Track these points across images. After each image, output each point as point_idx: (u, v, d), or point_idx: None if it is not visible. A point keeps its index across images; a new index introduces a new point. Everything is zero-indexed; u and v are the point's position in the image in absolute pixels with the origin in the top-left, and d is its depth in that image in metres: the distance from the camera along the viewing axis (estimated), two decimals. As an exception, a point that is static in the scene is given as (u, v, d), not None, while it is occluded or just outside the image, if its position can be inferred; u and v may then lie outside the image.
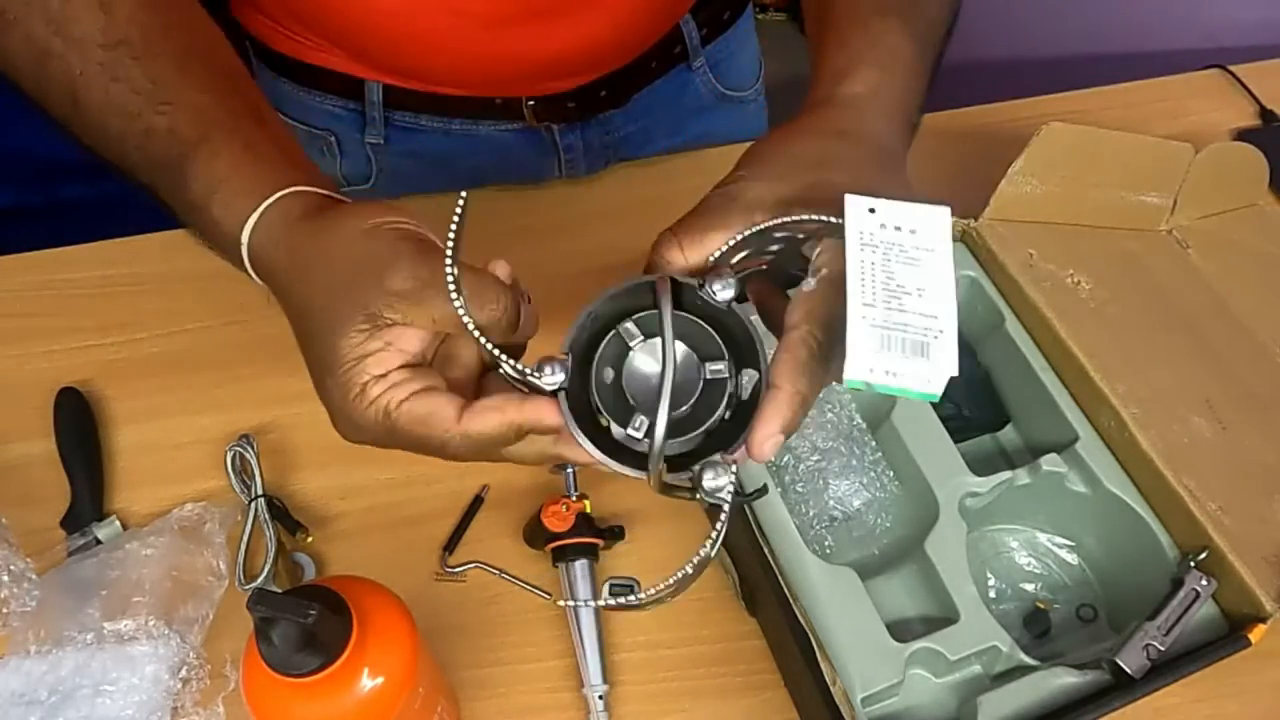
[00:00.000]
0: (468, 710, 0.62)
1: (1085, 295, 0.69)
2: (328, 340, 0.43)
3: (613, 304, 0.43)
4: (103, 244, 0.81)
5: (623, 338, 0.43)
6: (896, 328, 0.38)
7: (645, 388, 0.42)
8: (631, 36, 0.80)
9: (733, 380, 0.42)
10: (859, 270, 0.38)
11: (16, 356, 0.75)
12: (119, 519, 0.67)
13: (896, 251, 0.39)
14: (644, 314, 0.43)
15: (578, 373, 0.42)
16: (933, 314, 0.38)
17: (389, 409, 0.43)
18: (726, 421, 0.42)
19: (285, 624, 0.42)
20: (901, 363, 0.38)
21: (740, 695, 0.63)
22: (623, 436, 0.41)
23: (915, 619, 0.61)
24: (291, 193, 0.47)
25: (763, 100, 1.00)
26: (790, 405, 0.40)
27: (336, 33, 0.76)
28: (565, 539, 0.64)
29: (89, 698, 0.59)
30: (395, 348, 0.43)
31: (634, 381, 0.42)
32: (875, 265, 0.39)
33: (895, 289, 0.38)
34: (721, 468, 0.40)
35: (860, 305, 0.38)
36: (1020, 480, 0.64)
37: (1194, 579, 0.59)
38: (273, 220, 0.46)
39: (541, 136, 0.84)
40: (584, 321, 0.43)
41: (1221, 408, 0.66)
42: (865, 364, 0.37)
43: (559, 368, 0.41)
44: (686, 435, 0.41)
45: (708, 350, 0.42)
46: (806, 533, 0.65)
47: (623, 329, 0.43)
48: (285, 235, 0.46)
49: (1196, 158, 0.75)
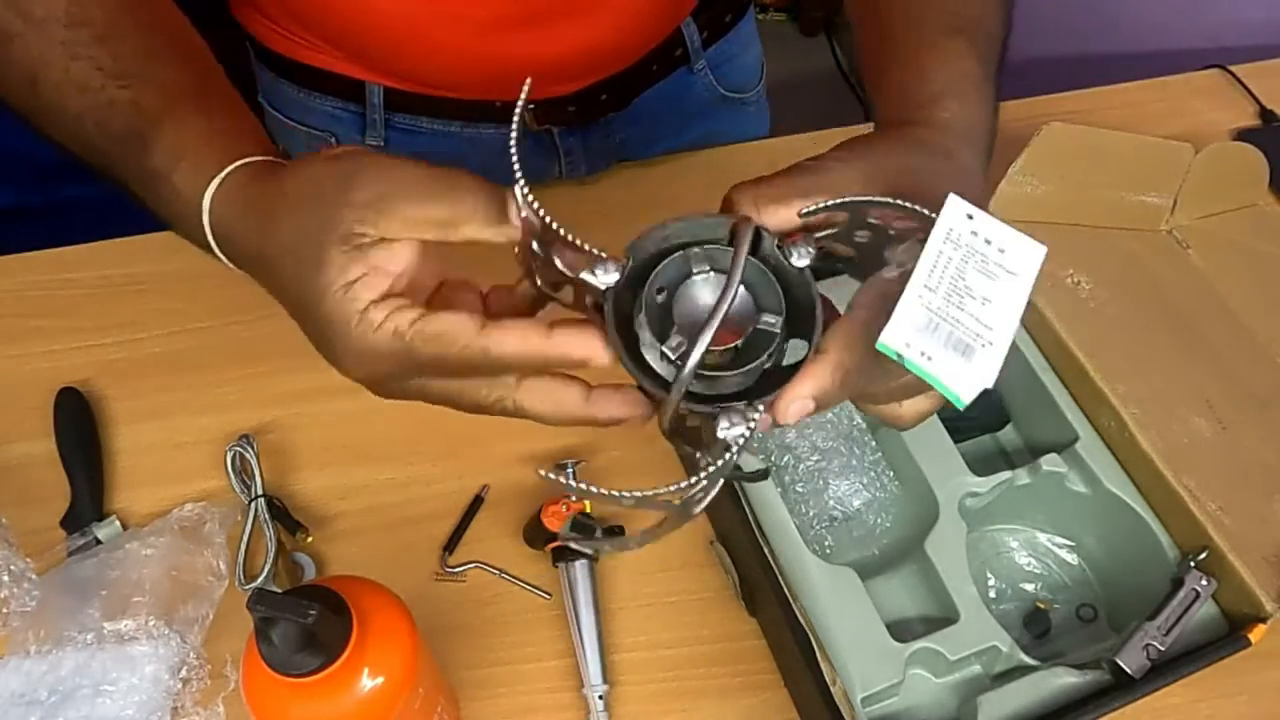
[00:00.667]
0: (468, 710, 0.62)
1: (1085, 295, 0.69)
2: (310, 280, 0.40)
3: (686, 229, 0.41)
4: (103, 244, 0.81)
5: (688, 261, 0.41)
6: (948, 320, 0.37)
7: (694, 315, 0.40)
8: (632, 40, 0.80)
9: (782, 338, 0.40)
10: (933, 259, 0.37)
11: (16, 356, 0.75)
12: (119, 519, 0.67)
13: (978, 259, 0.38)
14: (715, 247, 0.41)
15: (627, 285, 0.40)
16: (990, 325, 0.37)
17: (400, 330, 0.39)
18: (761, 380, 0.41)
19: (285, 624, 0.42)
20: (940, 351, 0.36)
21: (740, 695, 0.63)
22: (655, 358, 0.40)
23: (915, 619, 0.61)
24: (255, 161, 0.46)
25: (764, 102, 1.00)
26: (831, 373, 0.39)
27: (337, 35, 0.76)
28: (565, 539, 0.64)
29: (89, 698, 0.59)
30: (381, 270, 0.40)
31: (684, 307, 0.40)
32: (951, 261, 0.37)
33: (962, 288, 0.37)
34: (740, 417, 0.38)
35: (921, 286, 0.36)
36: (1020, 480, 0.64)
37: (1194, 579, 0.59)
38: (235, 182, 0.45)
39: (542, 139, 0.84)
40: (655, 235, 0.41)
41: (1221, 408, 0.66)
42: (903, 336, 0.36)
43: (614, 268, 0.39)
44: (717, 373, 0.40)
45: (766, 303, 0.41)
46: (806, 533, 0.65)
47: (692, 252, 0.40)
48: (245, 191, 0.45)
49: (1196, 158, 0.75)
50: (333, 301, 0.40)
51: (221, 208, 0.45)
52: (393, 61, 0.77)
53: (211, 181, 0.45)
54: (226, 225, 0.45)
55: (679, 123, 0.90)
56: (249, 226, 0.44)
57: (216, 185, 0.45)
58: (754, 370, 0.40)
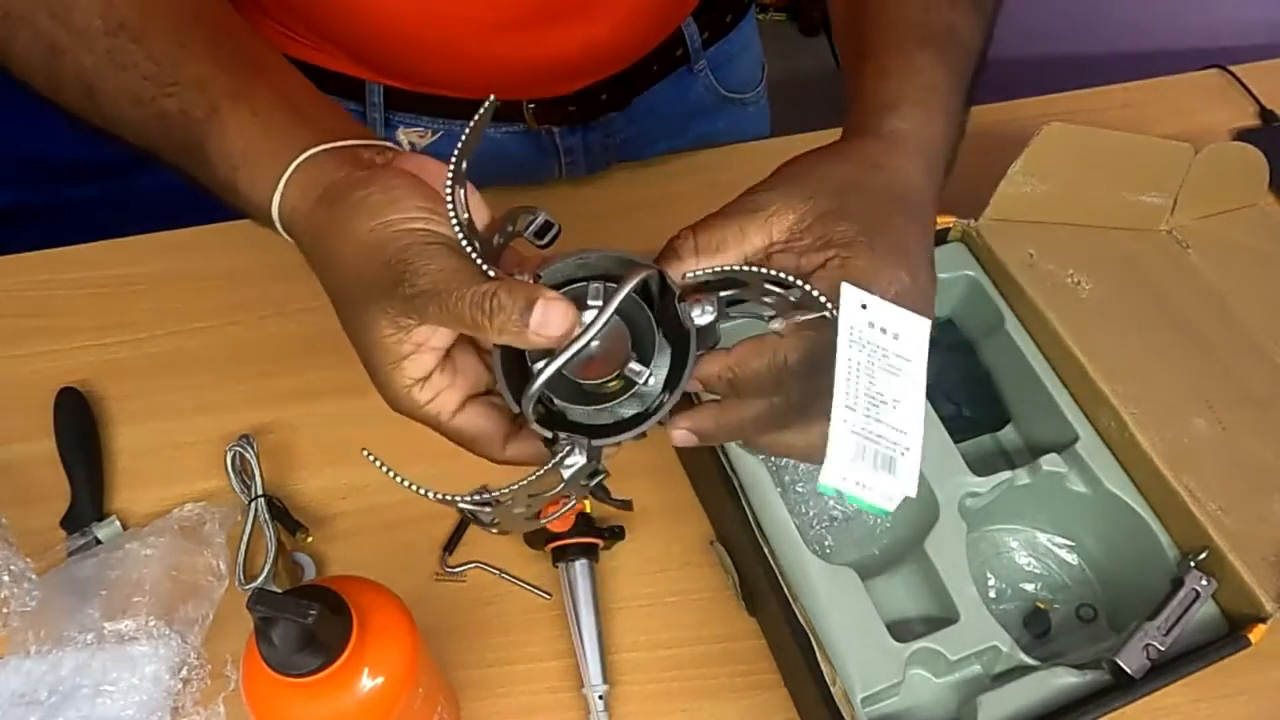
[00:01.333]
0: (468, 710, 0.62)
1: (1085, 295, 0.69)
2: (364, 337, 0.43)
3: (605, 262, 0.43)
4: (103, 244, 0.81)
5: (583, 295, 0.43)
6: (872, 439, 0.39)
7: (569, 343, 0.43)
8: (632, 40, 0.80)
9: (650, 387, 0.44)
10: (846, 370, 0.39)
11: (16, 356, 0.75)
12: (119, 519, 0.67)
13: (880, 356, 0.40)
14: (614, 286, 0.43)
15: None
16: (904, 429, 0.39)
17: (439, 419, 0.45)
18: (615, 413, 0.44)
19: (285, 624, 0.42)
20: (871, 476, 0.38)
21: (740, 695, 0.63)
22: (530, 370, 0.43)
23: (915, 619, 0.61)
24: (307, 161, 0.46)
25: (765, 102, 1.00)
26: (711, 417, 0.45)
27: (337, 34, 0.76)
28: (565, 539, 0.64)
29: (89, 698, 0.59)
30: (427, 347, 0.43)
31: None
32: (860, 368, 0.39)
33: (875, 396, 0.39)
34: (581, 451, 0.41)
35: (844, 408, 0.38)
36: (1020, 480, 0.64)
37: (1194, 579, 0.59)
38: (295, 198, 0.46)
39: (542, 139, 0.84)
40: (573, 261, 0.43)
41: (1221, 408, 0.66)
42: (840, 473, 0.38)
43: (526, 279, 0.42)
44: (590, 403, 0.43)
45: (644, 351, 0.43)
46: (806, 533, 0.65)
47: (591, 286, 0.43)
48: (307, 220, 0.46)
49: (1196, 158, 0.75)
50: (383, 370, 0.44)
51: (290, 219, 0.47)
52: (392, 61, 0.77)
53: (273, 196, 0.46)
54: (296, 237, 0.47)
55: (679, 123, 0.90)
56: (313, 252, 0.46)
57: (279, 199, 0.46)
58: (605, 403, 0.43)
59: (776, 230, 0.44)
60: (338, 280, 0.44)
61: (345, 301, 0.44)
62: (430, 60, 0.76)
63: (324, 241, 0.45)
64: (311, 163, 0.46)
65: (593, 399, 0.43)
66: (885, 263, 0.43)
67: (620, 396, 0.43)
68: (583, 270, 0.44)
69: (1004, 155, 0.70)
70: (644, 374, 0.43)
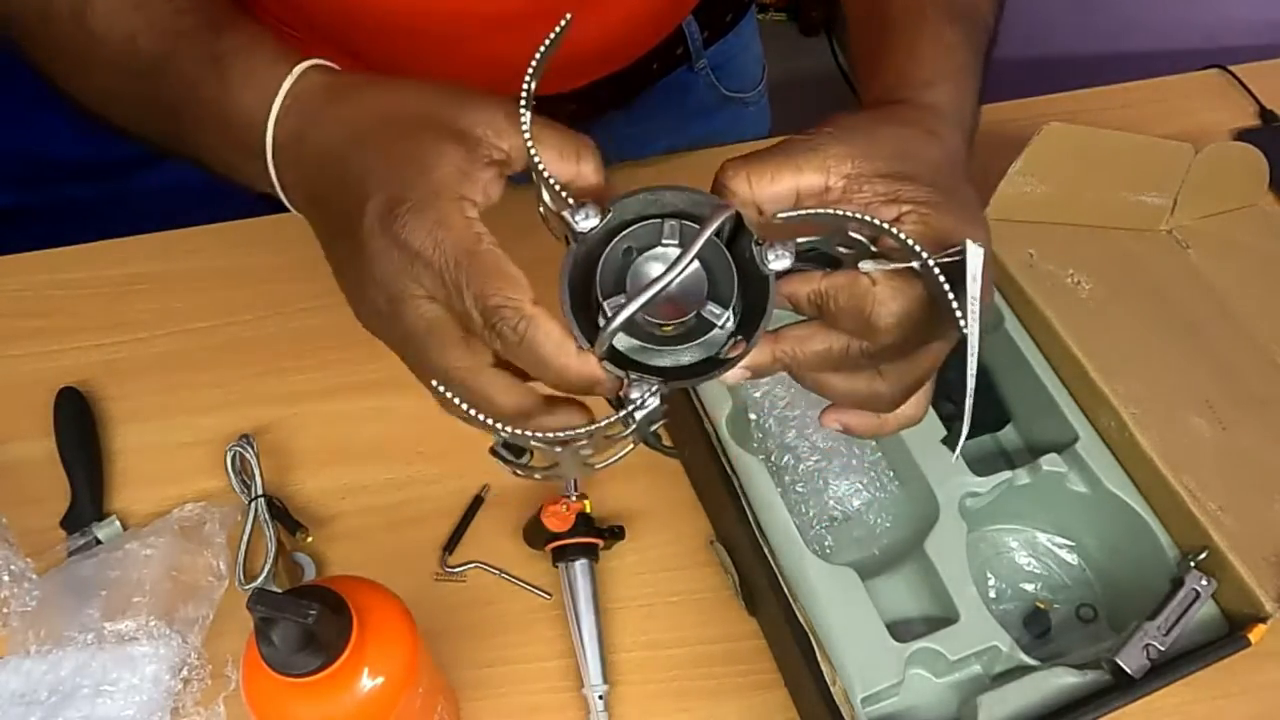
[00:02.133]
0: (468, 710, 0.62)
1: (1085, 295, 0.69)
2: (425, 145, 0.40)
3: (675, 199, 0.42)
4: (103, 244, 0.81)
5: (659, 231, 0.42)
6: None
7: (642, 281, 0.41)
8: (632, 37, 0.80)
9: (723, 331, 0.41)
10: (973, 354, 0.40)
11: (16, 356, 0.75)
12: (119, 519, 0.67)
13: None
14: (690, 224, 0.42)
15: (604, 232, 0.41)
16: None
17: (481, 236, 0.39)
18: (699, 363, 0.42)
19: (285, 624, 0.42)
20: None
21: (740, 695, 0.63)
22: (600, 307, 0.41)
23: (915, 619, 0.61)
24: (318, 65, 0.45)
25: (765, 102, 1.00)
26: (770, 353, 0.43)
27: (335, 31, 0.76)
28: (565, 539, 0.64)
29: (89, 698, 0.59)
30: (483, 186, 0.41)
31: (640, 271, 0.42)
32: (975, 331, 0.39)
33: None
34: (652, 392, 0.39)
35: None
36: (1020, 480, 0.64)
37: (1194, 579, 0.59)
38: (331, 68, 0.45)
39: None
40: (644, 197, 0.41)
41: (1221, 408, 0.66)
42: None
43: (595, 213, 0.40)
44: (647, 344, 0.41)
45: (720, 293, 0.41)
46: (806, 533, 0.65)
47: (668, 224, 0.41)
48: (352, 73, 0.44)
49: (1196, 158, 0.75)
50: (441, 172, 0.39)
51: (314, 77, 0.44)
52: (392, 58, 0.77)
53: (300, 64, 0.44)
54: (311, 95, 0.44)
55: (679, 122, 0.90)
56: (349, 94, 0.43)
57: (313, 62, 0.44)
58: (685, 349, 0.41)
59: (834, 174, 0.43)
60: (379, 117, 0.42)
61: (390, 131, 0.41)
62: (429, 57, 0.76)
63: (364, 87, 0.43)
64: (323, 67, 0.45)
65: (658, 339, 0.41)
66: (965, 222, 0.42)
67: (691, 340, 0.41)
68: (654, 207, 0.42)
69: (1004, 155, 0.70)
70: (723, 316, 0.41)
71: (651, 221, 0.41)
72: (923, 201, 0.42)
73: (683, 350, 0.41)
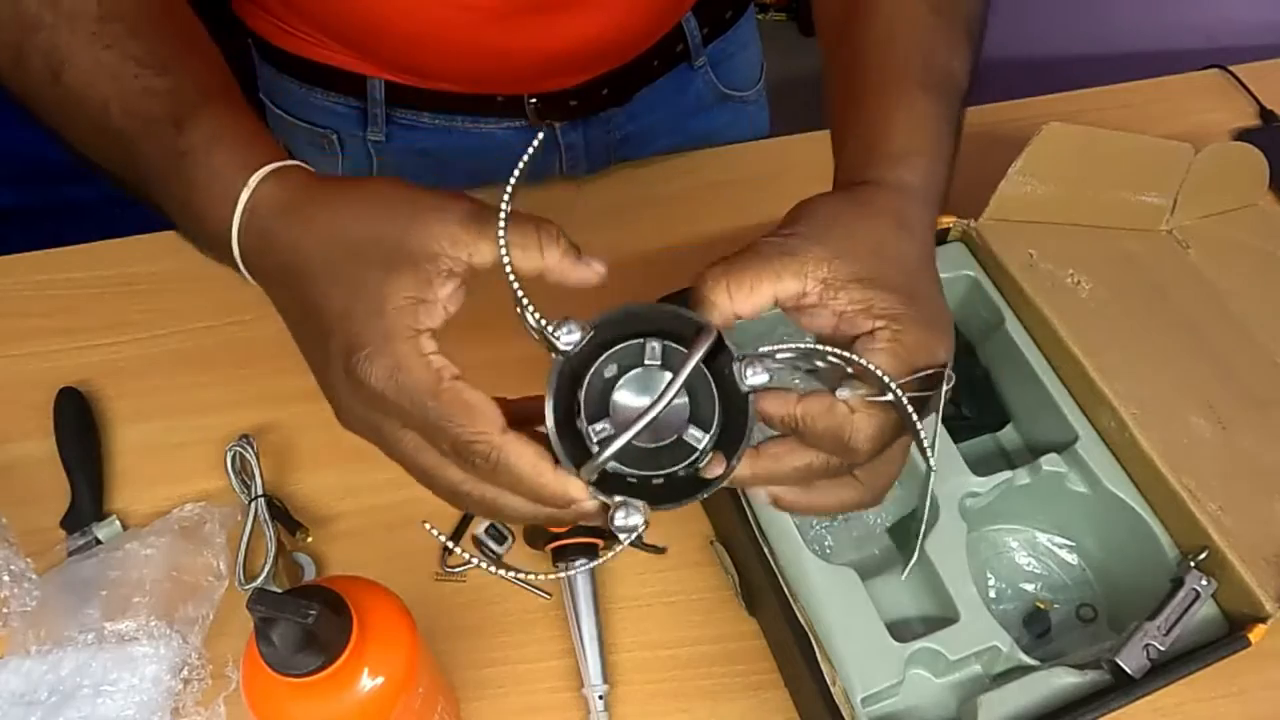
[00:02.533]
0: (468, 710, 0.62)
1: (1085, 295, 0.69)
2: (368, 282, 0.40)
3: (653, 315, 0.43)
4: (102, 244, 0.81)
5: (642, 352, 0.42)
6: None
7: (629, 405, 0.42)
8: (633, 34, 0.80)
9: (703, 453, 0.42)
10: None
11: (16, 356, 0.75)
12: (119, 519, 0.67)
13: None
14: (673, 346, 0.42)
15: (587, 351, 0.42)
16: None
17: (439, 371, 0.40)
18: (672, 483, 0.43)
19: (285, 624, 0.42)
20: None
21: (740, 695, 0.63)
22: (584, 430, 0.42)
23: (915, 619, 0.61)
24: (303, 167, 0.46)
25: (764, 101, 1.00)
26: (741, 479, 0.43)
27: (339, 29, 0.76)
28: (565, 539, 0.64)
29: (89, 698, 0.59)
30: (442, 308, 0.41)
31: (624, 394, 0.42)
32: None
33: None
34: (637, 513, 0.41)
35: None
36: (1020, 480, 0.64)
37: (1194, 579, 0.59)
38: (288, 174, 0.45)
39: (542, 134, 0.84)
40: (621, 315, 0.42)
41: (1221, 408, 0.66)
42: None
43: (577, 330, 0.41)
44: (628, 467, 0.42)
45: (701, 414, 0.43)
46: (806, 533, 0.65)
47: (649, 345, 0.42)
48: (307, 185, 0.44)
49: (1196, 158, 0.75)
50: (393, 308, 0.40)
51: (268, 190, 0.44)
52: (395, 54, 0.77)
53: (261, 168, 0.44)
54: (267, 211, 0.44)
55: (679, 120, 0.91)
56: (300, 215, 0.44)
57: (268, 170, 0.44)
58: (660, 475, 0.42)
59: (811, 279, 0.43)
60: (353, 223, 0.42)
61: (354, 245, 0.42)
62: (431, 53, 0.76)
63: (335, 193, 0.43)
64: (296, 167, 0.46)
65: (636, 456, 0.42)
66: (933, 333, 0.44)
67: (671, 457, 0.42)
68: (633, 323, 0.42)
69: (1004, 155, 0.70)
70: (703, 440, 0.42)
71: (634, 342, 0.42)
72: (895, 316, 0.43)
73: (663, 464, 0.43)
